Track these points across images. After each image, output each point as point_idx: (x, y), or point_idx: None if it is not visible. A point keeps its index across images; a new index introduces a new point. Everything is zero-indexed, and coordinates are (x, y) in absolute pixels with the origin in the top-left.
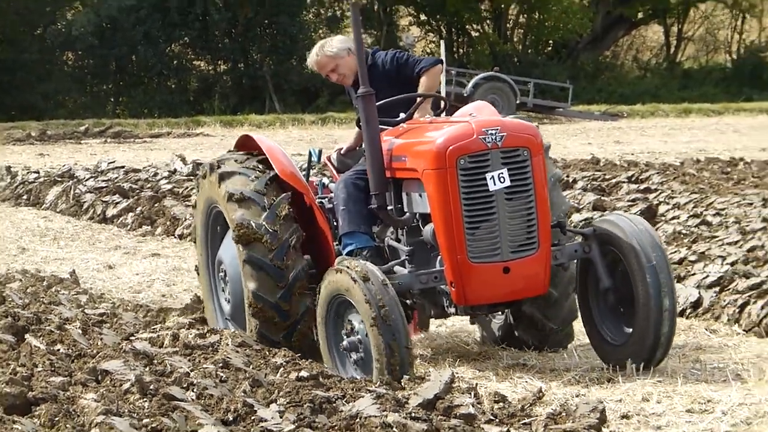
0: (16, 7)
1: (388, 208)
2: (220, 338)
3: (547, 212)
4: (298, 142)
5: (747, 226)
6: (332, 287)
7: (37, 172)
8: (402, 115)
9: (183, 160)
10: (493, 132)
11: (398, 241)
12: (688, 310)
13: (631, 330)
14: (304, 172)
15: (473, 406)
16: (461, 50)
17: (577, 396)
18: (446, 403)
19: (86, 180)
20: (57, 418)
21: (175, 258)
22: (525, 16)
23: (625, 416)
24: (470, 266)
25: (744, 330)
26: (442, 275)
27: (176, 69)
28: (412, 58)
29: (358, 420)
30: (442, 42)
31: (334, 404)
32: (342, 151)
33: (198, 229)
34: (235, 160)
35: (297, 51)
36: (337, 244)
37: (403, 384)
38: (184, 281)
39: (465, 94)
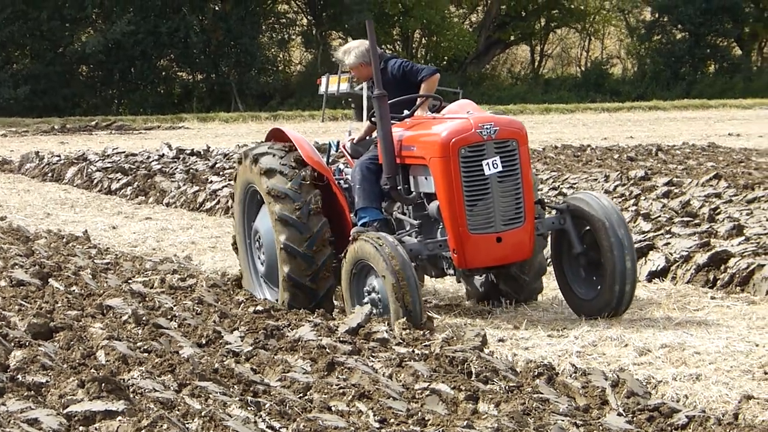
0: (42, 31)
1: (398, 188)
2: (197, 281)
3: (531, 192)
4: (256, 134)
5: None
6: (355, 254)
7: (59, 156)
8: (407, 112)
9: (169, 146)
10: (488, 126)
11: (404, 214)
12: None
13: (599, 287)
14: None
15: (387, 332)
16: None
17: (465, 325)
18: (366, 330)
19: (96, 162)
20: (72, 342)
21: (163, 221)
22: (426, 38)
23: (501, 340)
24: (469, 236)
25: None
26: (446, 244)
27: (164, 78)
28: (416, 68)
29: (300, 343)
30: None
31: (281, 331)
32: (354, 141)
33: (236, 206)
34: (268, 147)
35: (255, 65)
36: (353, 216)
37: (333, 316)
38: (170, 238)
39: None
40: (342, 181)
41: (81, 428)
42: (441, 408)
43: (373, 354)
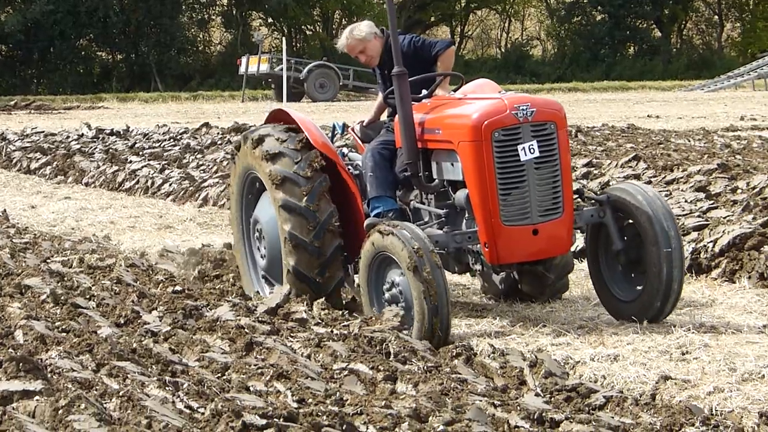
0: None
1: (419, 174)
2: (115, 261)
3: (570, 180)
4: (176, 114)
5: None
6: (375, 246)
7: None
8: (425, 92)
9: (88, 126)
10: (524, 108)
11: (423, 203)
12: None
13: (641, 287)
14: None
15: (305, 312)
16: (298, 45)
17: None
18: (285, 310)
19: (15, 141)
20: None
21: (82, 201)
22: (346, 19)
23: None
24: (503, 228)
25: None
26: (476, 236)
27: (84, 58)
28: (428, 42)
29: (218, 323)
30: (283, 39)
31: (200, 311)
32: (364, 124)
33: (234, 193)
34: (270, 129)
35: (175, 45)
36: (364, 206)
37: (251, 296)
38: (89, 218)
39: (301, 78)
40: (350, 167)
41: None
42: (359, 388)
43: (292, 334)
